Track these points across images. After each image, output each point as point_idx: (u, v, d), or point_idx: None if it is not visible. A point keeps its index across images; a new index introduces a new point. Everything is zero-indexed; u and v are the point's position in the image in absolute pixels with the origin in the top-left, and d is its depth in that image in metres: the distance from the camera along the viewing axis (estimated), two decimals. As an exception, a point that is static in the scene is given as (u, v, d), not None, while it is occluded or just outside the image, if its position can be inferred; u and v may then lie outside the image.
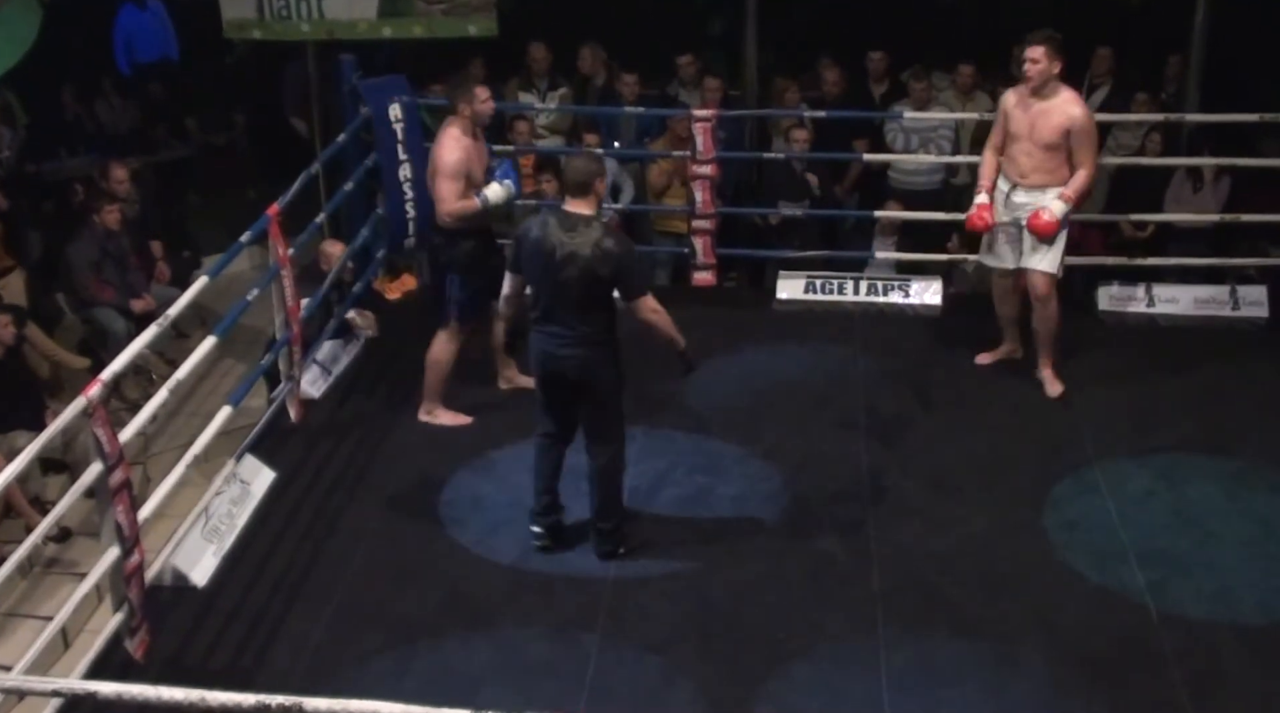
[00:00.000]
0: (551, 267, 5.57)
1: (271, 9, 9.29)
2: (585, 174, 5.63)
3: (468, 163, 6.65)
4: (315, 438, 7.06)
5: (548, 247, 5.58)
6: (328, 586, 5.87)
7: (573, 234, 5.56)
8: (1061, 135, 6.82)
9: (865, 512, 6.32)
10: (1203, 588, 5.72)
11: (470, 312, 6.91)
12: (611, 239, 5.59)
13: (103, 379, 5.16)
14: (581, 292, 5.57)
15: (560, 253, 5.54)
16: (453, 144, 6.65)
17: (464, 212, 6.67)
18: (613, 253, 5.53)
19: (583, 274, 5.53)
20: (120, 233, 8.71)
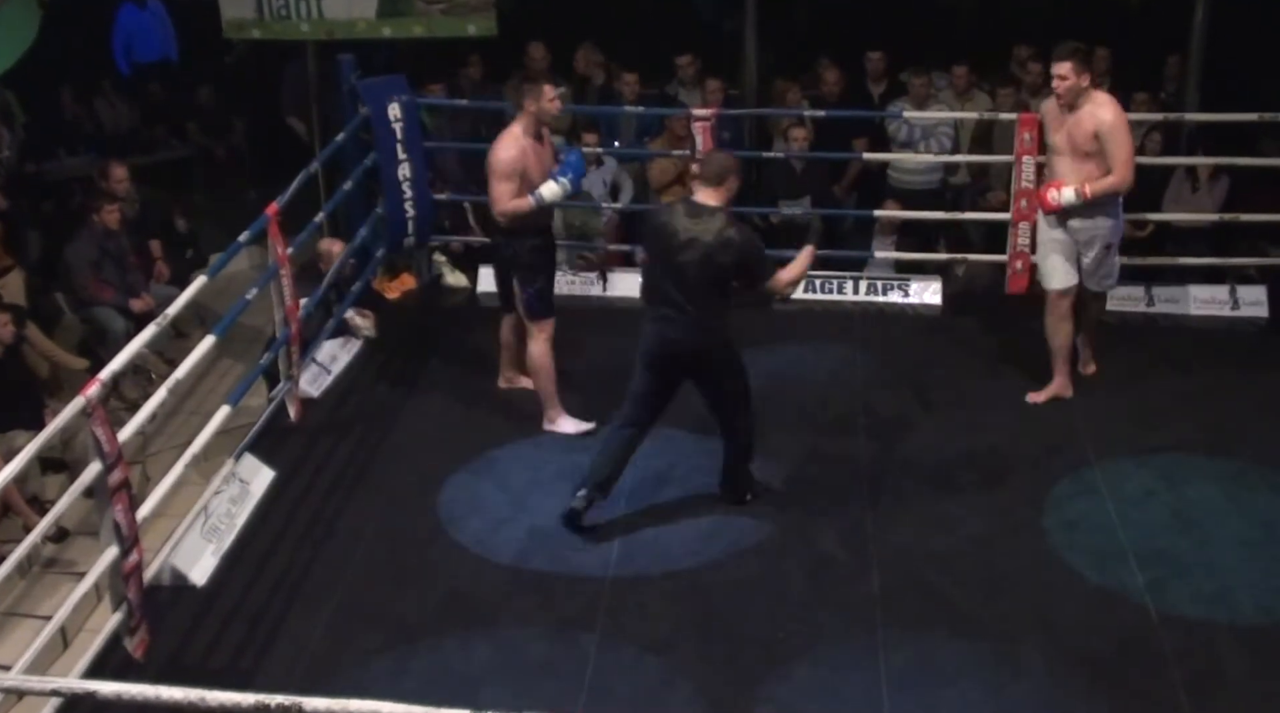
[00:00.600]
0: (671, 250, 5.81)
1: (271, 9, 9.28)
2: (722, 169, 5.90)
3: (523, 161, 6.56)
4: (314, 437, 7.06)
5: (670, 231, 5.83)
6: (327, 585, 5.87)
7: (696, 221, 5.80)
8: (1094, 141, 6.67)
9: (864, 512, 6.31)
10: (1202, 589, 5.71)
11: (544, 307, 6.88)
12: (734, 229, 5.81)
13: (101, 379, 5.16)
14: (698, 276, 5.80)
15: (681, 237, 5.79)
16: (509, 142, 6.58)
17: (516, 211, 6.60)
18: (734, 242, 5.77)
19: (702, 259, 5.76)
20: (119, 232, 8.69)
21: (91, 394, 5.00)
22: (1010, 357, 7.72)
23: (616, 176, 9.40)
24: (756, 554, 6.03)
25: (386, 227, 8.52)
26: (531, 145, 6.63)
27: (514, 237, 6.73)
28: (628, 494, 6.45)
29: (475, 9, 9.29)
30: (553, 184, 6.62)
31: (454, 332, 8.30)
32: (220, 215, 9.81)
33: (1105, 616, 5.59)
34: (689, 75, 9.75)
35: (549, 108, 6.66)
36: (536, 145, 6.67)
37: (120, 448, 5.18)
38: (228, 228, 7.55)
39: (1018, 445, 6.85)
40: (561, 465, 6.74)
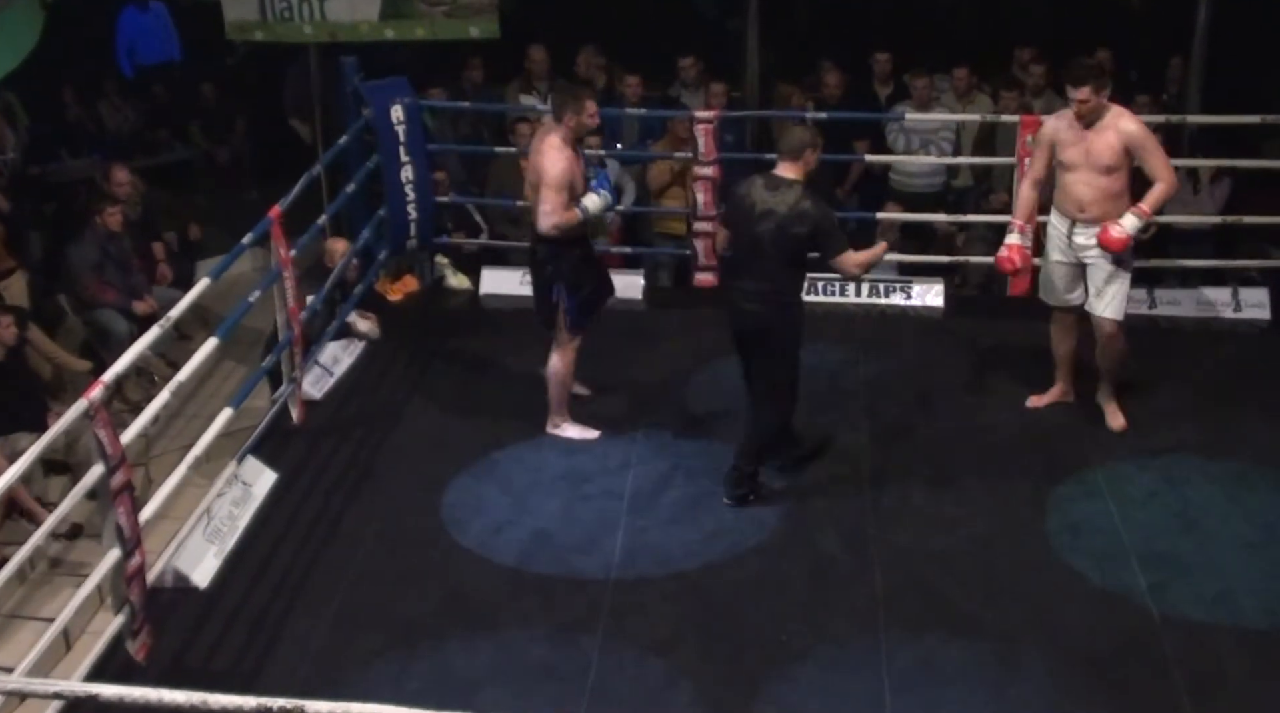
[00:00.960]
0: (749, 221, 5.98)
1: (274, 10, 9.29)
2: (800, 142, 6.03)
3: (571, 173, 6.52)
4: (317, 439, 7.06)
5: (748, 203, 6.01)
6: (329, 587, 5.87)
7: (774, 193, 5.96)
8: (1120, 155, 6.46)
9: (866, 513, 6.31)
10: (1204, 591, 5.71)
11: (583, 320, 6.83)
12: (809, 202, 5.93)
13: (104, 381, 5.17)
14: (773, 247, 5.95)
15: (759, 209, 5.95)
16: (556, 155, 6.51)
17: (568, 223, 6.55)
18: (809, 213, 5.90)
19: (777, 230, 5.91)
20: (122, 234, 8.71)
21: (94, 396, 5.01)
22: (1012, 359, 7.71)
23: (619, 179, 9.39)
24: (758, 555, 6.03)
25: (389, 229, 8.53)
26: (572, 154, 6.58)
27: (559, 247, 6.66)
28: (629, 497, 6.46)
29: (478, 11, 9.30)
30: (594, 196, 6.58)
31: (456, 334, 8.30)
32: (223, 218, 9.82)
33: (1107, 617, 5.59)
34: (691, 77, 9.75)
35: (588, 122, 6.64)
36: (576, 155, 6.63)
37: (123, 450, 5.19)
38: (230, 230, 7.56)
39: (1020, 447, 6.85)
40: (563, 468, 6.74)
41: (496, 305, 8.77)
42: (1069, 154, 6.60)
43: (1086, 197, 6.58)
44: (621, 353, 7.89)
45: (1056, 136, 6.66)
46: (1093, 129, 6.51)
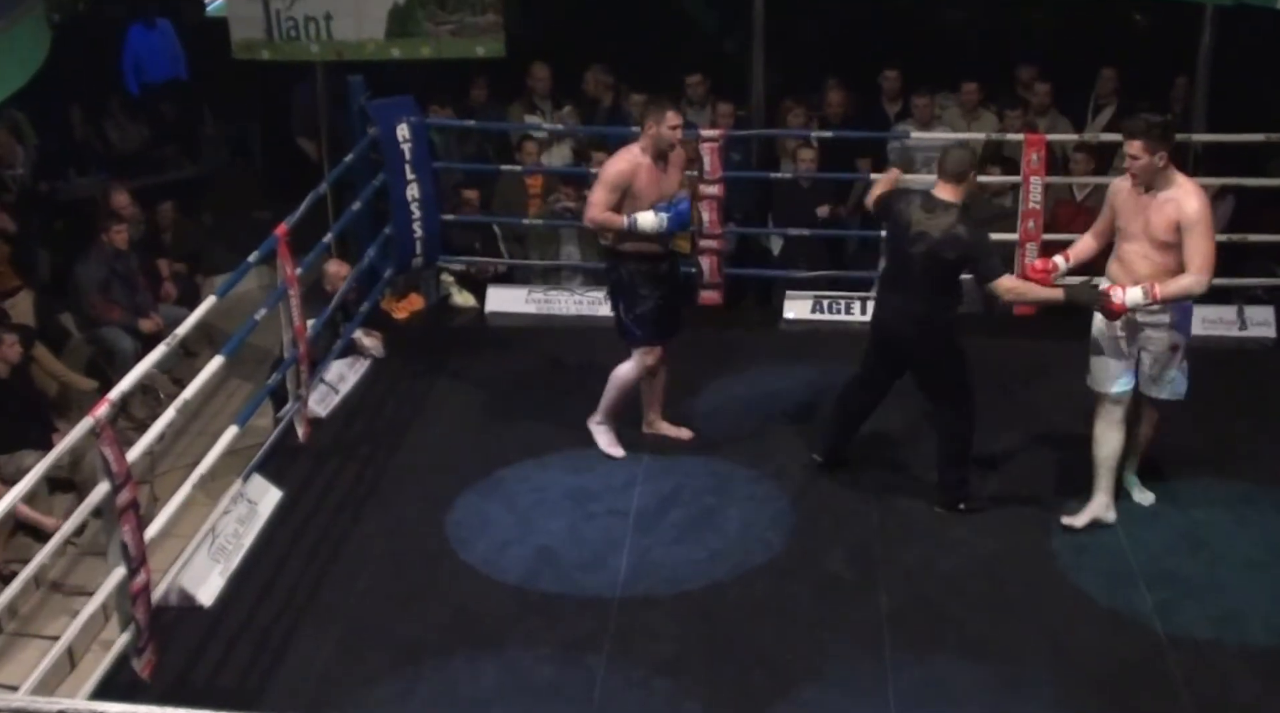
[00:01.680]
0: (904, 240, 6.02)
1: (280, 30, 9.31)
2: (962, 164, 6.01)
3: (631, 177, 6.40)
4: (322, 457, 7.06)
5: (904, 220, 6.03)
6: (334, 606, 5.86)
7: (930, 215, 5.96)
8: (1174, 231, 5.81)
9: (873, 533, 6.30)
10: (1211, 610, 5.70)
11: (640, 336, 6.70)
12: (964, 227, 5.92)
13: (110, 399, 5.18)
14: (924, 269, 5.98)
15: (913, 229, 5.97)
16: (622, 155, 6.49)
17: (606, 224, 6.47)
18: (962, 239, 5.90)
19: (929, 253, 5.94)
20: (128, 253, 8.73)
21: (100, 414, 5.01)
22: (1018, 378, 7.71)
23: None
24: (764, 575, 6.02)
25: (394, 247, 8.53)
26: (649, 166, 6.45)
27: (620, 258, 6.61)
28: (634, 516, 6.45)
29: (483, 30, 9.32)
30: (650, 215, 6.40)
31: (462, 352, 8.31)
32: (230, 235, 9.85)
33: (1114, 638, 5.57)
34: (698, 94, 9.76)
35: (667, 134, 6.42)
36: (655, 168, 6.47)
37: (129, 468, 5.19)
38: (237, 247, 7.57)
39: (1025, 467, 6.84)
40: (569, 486, 6.74)
41: (502, 323, 8.78)
42: (1128, 222, 5.98)
43: (1144, 270, 5.92)
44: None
45: (1116, 199, 6.06)
46: (1155, 199, 5.86)
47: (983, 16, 10.97)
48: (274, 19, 9.31)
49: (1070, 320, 7.87)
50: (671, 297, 6.80)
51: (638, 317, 6.66)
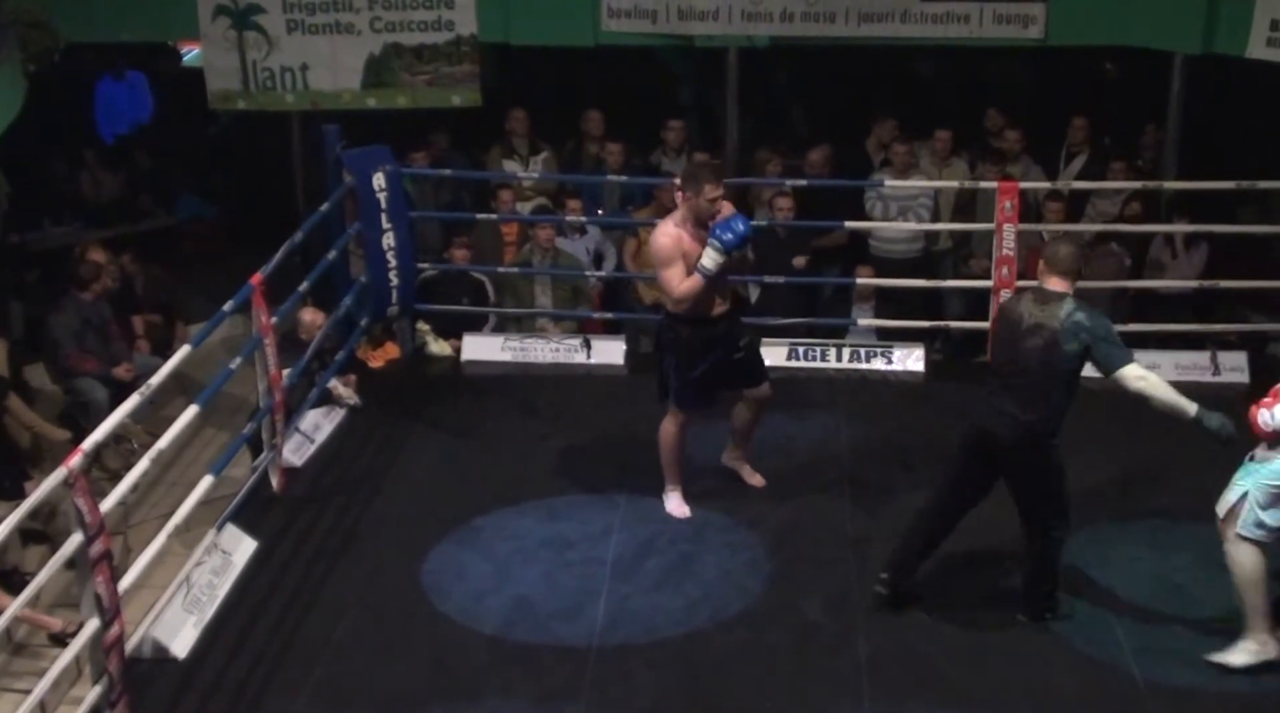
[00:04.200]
0: (1017, 335, 5.64)
1: (256, 80, 9.37)
2: (1072, 261, 5.72)
3: (679, 246, 6.31)
4: (297, 507, 7.02)
5: (1015, 316, 5.69)
6: (310, 657, 5.82)
7: (1044, 307, 5.60)
8: None
9: (850, 580, 6.29)
10: (1189, 656, 5.69)
11: (687, 399, 6.61)
12: (1083, 313, 5.57)
13: (83, 449, 5.14)
14: (1041, 363, 5.57)
15: (1027, 322, 5.61)
16: (660, 232, 6.40)
17: (692, 291, 6.31)
18: (1084, 325, 5.52)
19: (1046, 344, 5.55)
20: (102, 303, 8.70)
21: (73, 464, 4.98)
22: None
23: (600, 245, 9.45)
24: (742, 623, 6.00)
25: (370, 296, 8.53)
26: (691, 232, 6.34)
27: (676, 321, 6.53)
28: (611, 563, 6.43)
29: (460, 80, 9.39)
30: (709, 251, 6.26)
31: (438, 401, 8.29)
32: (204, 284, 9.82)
33: (1093, 684, 5.57)
34: (678, 141, 9.82)
35: (705, 205, 6.31)
36: (696, 232, 6.34)
37: (102, 518, 5.15)
38: (212, 296, 7.55)
39: (1002, 512, 6.81)
40: (546, 534, 6.72)
41: (478, 371, 8.77)
42: None
43: None
44: (603, 418, 7.89)
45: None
46: None
47: (955, 66, 11.08)
48: (250, 70, 9.38)
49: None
50: (729, 355, 6.62)
51: (687, 381, 6.56)
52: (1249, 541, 5.49)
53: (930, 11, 9.06)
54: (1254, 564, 5.50)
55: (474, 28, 9.29)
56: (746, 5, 9.15)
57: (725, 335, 6.61)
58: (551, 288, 9.18)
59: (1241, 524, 5.51)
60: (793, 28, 9.17)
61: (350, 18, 9.25)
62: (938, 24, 9.10)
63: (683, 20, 9.23)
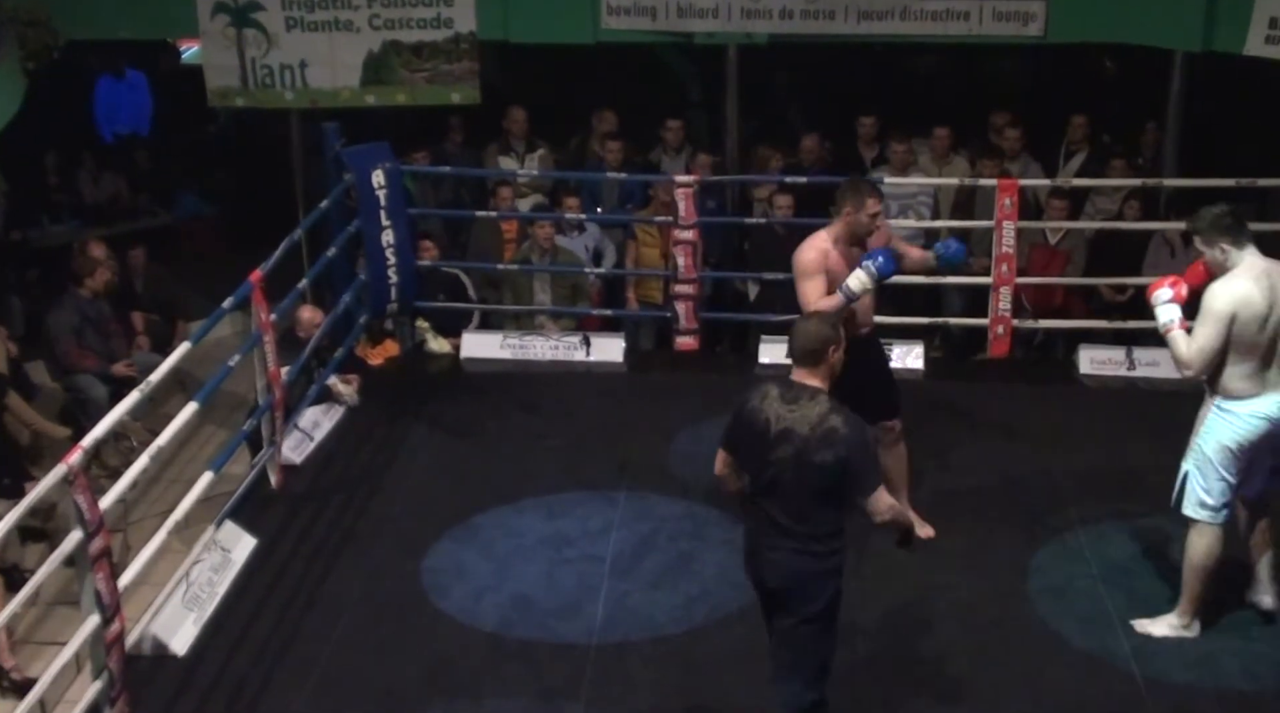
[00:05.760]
0: (764, 445, 4.63)
1: (255, 78, 9.37)
2: (817, 341, 4.71)
3: (823, 262, 6.00)
4: (297, 504, 7.02)
5: (761, 420, 4.65)
6: (309, 655, 5.82)
7: (793, 407, 4.62)
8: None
9: (848, 578, 6.25)
10: (1188, 654, 5.70)
11: None
12: (840, 417, 4.59)
13: (83, 446, 5.14)
14: (795, 478, 4.61)
15: (775, 429, 4.61)
16: (809, 245, 6.07)
17: (829, 310, 5.79)
18: (838, 434, 4.56)
19: (796, 456, 4.59)
20: (101, 300, 8.70)
21: (73, 462, 4.98)
22: (992, 421, 7.73)
23: (599, 243, 9.45)
24: (741, 620, 5.99)
25: (369, 293, 8.53)
26: (842, 251, 6.04)
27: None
28: (610, 561, 6.43)
29: (459, 77, 9.39)
30: (860, 272, 5.89)
31: (437, 398, 8.29)
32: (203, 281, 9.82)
33: (1092, 682, 5.57)
34: (677, 140, 9.83)
35: (865, 221, 6.03)
36: (848, 251, 6.05)
37: (102, 516, 5.15)
38: (211, 294, 7.56)
39: (1001, 511, 6.84)
40: (545, 532, 6.72)
41: (478, 369, 8.77)
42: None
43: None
44: (602, 415, 7.89)
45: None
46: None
47: (955, 63, 11.08)
48: (249, 67, 9.37)
49: (1044, 363, 7.92)
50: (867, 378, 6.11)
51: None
52: (1202, 524, 5.63)
53: (930, 9, 9.05)
54: (1202, 552, 5.66)
55: (473, 25, 9.28)
56: (746, 2, 9.14)
57: (864, 357, 6.13)
58: (551, 286, 9.19)
59: (1187, 505, 5.67)
60: (792, 25, 9.15)
61: (349, 15, 9.25)
62: (937, 21, 9.08)
63: (682, 18, 9.22)
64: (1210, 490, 5.62)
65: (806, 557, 4.67)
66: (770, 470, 4.63)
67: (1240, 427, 5.53)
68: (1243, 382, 5.51)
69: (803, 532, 4.65)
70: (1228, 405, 5.55)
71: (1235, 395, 5.52)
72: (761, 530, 4.73)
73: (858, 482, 4.62)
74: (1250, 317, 5.41)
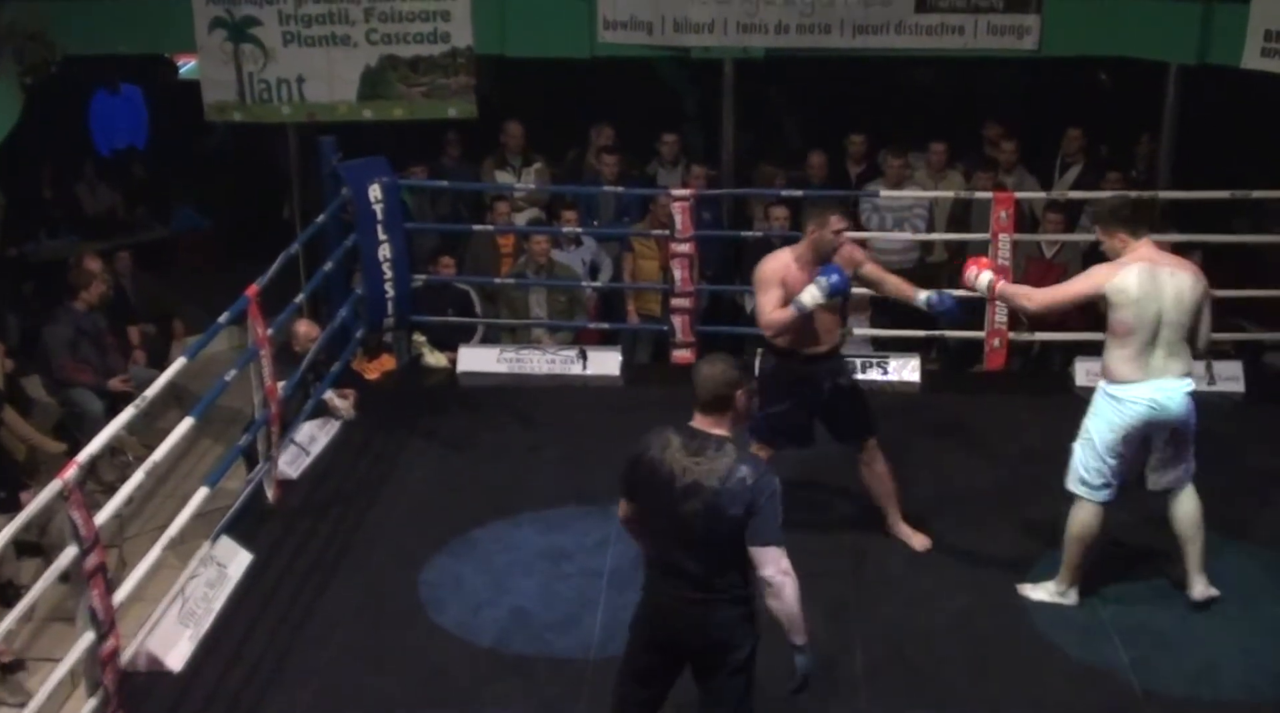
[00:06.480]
0: (670, 497, 4.41)
1: (253, 92, 9.38)
2: (722, 385, 4.47)
3: (783, 273, 6.08)
4: (293, 519, 7.01)
5: (665, 471, 4.43)
6: (306, 670, 5.80)
7: (699, 460, 4.41)
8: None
9: (847, 590, 6.29)
10: (1185, 665, 5.70)
11: (763, 433, 6.30)
12: (748, 467, 4.40)
13: (79, 461, 5.13)
14: (705, 533, 4.40)
15: (681, 482, 4.40)
16: (771, 257, 6.20)
17: (780, 323, 6.05)
18: (747, 485, 4.36)
19: (706, 511, 4.37)
20: (97, 313, 8.70)
21: (68, 477, 4.97)
22: (988, 433, 7.73)
23: (595, 256, 9.46)
24: (739, 634, 5.98)
25: (366, 307, 8.53)
26: (798, 270, 6.10)
27: (768, 349, 6.39)
28: (608, 575, 6.42)
29: (455, 92, 9.41)
30: (812, 287, 6.00)
31: (434, 413, 8.29)
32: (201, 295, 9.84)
33: (1090, 693, 5.56)
34: (673, 153, 9.85)
35: (829, 238, 6.09)
36: (809, 267, 6.10)
37: (97, 531, 5.15)
38: (207, 308, 7.56)
39: (999, 521, 6.84)
40: (542, 546, 6.71)
41: (474, 383, 8.77)
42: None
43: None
44: (599, 428, 7.88)
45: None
46: None
47: (950, 77, 11.10)
48: (246, 82, 9.39)
49: (1041, 375, 7.91)
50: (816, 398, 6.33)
51: (769, 415, 6.22)
52: (1081, 499, 5.95)
53: (925, 23, 9.08)
54: (1083, 524, 5.97)
55: (470, 40, 9.30)
56: (742, 17, 9.17)
57: (819, 375, 6.32)
58: (547, 300, 9.19)
59: (1070, 481, 5.98)
60: (788, 39, 9.18)
61: (346, 30, 9.27)
62: (932, 35, 9.11)
63: (678, 32, 9.24)
64: (1089, 469, 5.91)
65: (727, 605, 4.48)
66: (679, 524, 4.41)
67: (1122, 411, 5.79)
68: (1125, 365, 5.77)
69: (721, 583, 4.45)
70: (1112, 390, 5.82)
71: (1118, 379, 5.79)
72: (674, 587, 4.49)
73: (757, 530, 4.36)
74: (1128, 298, 5.70)
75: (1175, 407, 5.77)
